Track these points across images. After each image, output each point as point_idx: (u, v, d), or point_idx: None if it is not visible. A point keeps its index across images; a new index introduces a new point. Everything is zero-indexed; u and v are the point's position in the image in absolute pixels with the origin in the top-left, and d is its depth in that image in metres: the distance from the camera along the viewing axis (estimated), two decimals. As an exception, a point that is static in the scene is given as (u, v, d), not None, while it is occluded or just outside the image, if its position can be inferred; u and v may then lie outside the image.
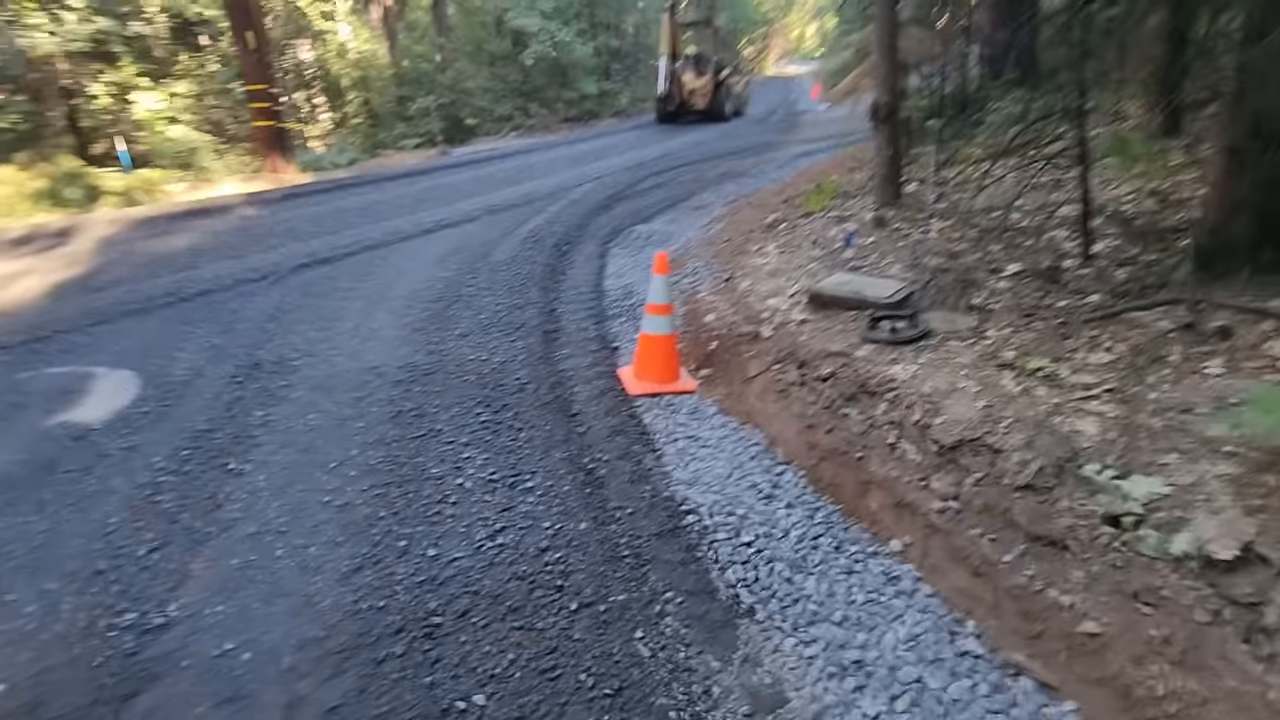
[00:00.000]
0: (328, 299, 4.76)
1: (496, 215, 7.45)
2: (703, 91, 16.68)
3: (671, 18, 15.80)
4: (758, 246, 4.95)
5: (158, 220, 7.43)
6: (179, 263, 5.68)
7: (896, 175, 4.73)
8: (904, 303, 3.38)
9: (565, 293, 4.95)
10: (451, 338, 4.03)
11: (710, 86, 16.65)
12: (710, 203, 8.30)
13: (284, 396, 3.34)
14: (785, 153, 12.25)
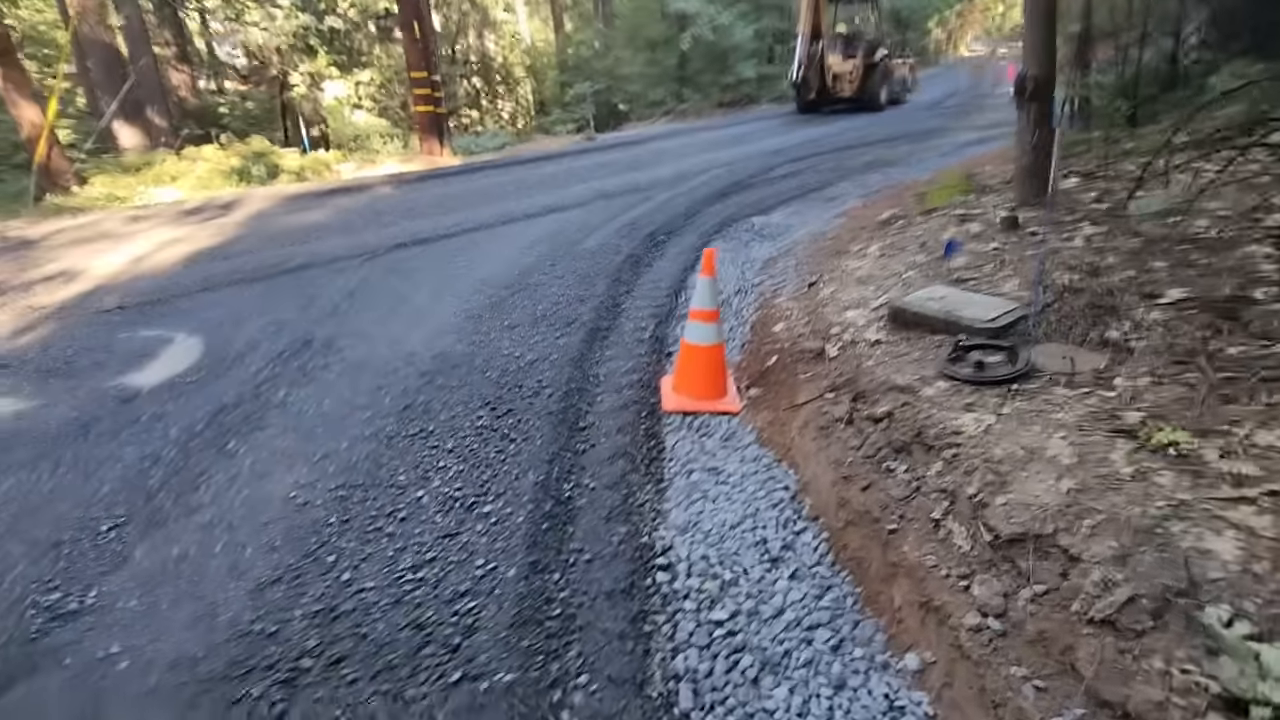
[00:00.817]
0: (406, 280, 4.79)
1: (608, 200, 7.23)
2: (851, 77, 14.60)
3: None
4: (859, 247, 4.24)
5: (306, 197, 8.08)
6: (299, 237, 6.06)
7: (1044, 167, 3.79)
8: (1008, 329, 2.63)
9: (639, 287, 4.59)
10: (498, 329, 3.84)
11: (860, 71, 14.53)
12: (845, 194, 7.50)
13: (315, 377, 3.32)
14: (952, 139, 10.90)
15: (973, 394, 2.30)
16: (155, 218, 7.21)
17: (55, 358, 3.65)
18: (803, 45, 13.26)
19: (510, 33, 20.66)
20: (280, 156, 11.22)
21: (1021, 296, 2.84)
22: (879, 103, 14.80)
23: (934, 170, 8.33)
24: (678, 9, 18.17)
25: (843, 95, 14.72)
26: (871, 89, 14.63)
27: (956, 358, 2.51)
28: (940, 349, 2.64)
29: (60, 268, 5.39)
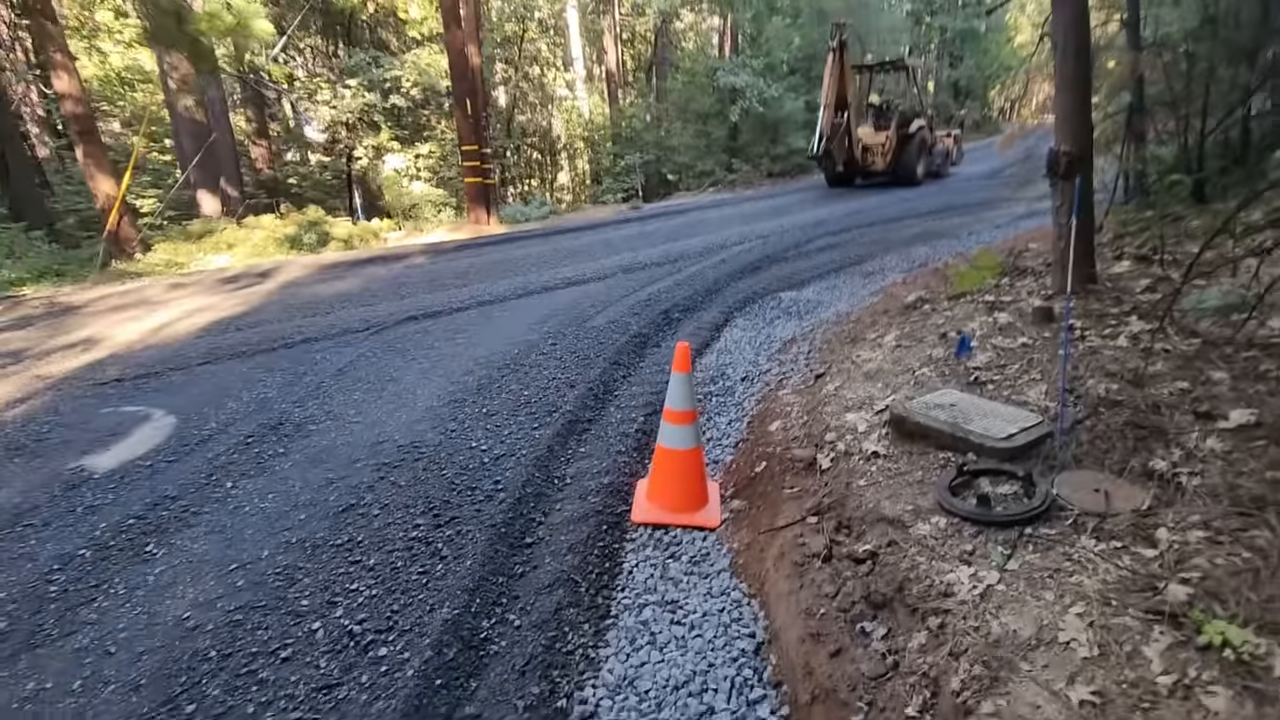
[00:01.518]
0: (403, 356, 4.65)
1: (631, 274, 7.05)
2: (883, 149, 13.64)
3: (839, 59, 12.22)
4: (876, 334, 3.84)
5: (341, 266, 8.24)
6: (318, 307, 6.08)
7: (1086, 252, 3.36)
8: (1026, 451, 2.19)
9: (638, 371, 4.29)
10: (475, 416, 3.59)
11: (893, 143, 13.58)
12: (887, 268, 7.11)
13: (269, 468, 3.12)
14: (1008, 211, 10.36)
15: (975, 536, 1.87)
16: (195, 285, 7.44)
17: (31, 433, 3.59)
18: (826, 116, 12.14)
19: (570, 108, 21.49)
20: (332, 225, 11.67)
21: (1048, 408, 2.39)
22: (915, 177, 13.83)
23: (985, 244, 7.87)
24: (728, 83, 18.50)
25: (874, 168, 13.89)
26: (906, 162, 13.74)
27: (959, 485, 2.08)
28: (945, 470, 2.21)
29: (85, 335, 5.52)
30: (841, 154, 13.10)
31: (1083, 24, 3.10)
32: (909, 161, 13.67)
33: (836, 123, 12.60)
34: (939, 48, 36.28)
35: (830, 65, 12.08)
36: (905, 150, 13.64)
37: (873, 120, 14.29)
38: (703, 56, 21.10)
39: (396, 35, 19.19)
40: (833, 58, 12.09)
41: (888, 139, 13.56)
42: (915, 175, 13.79)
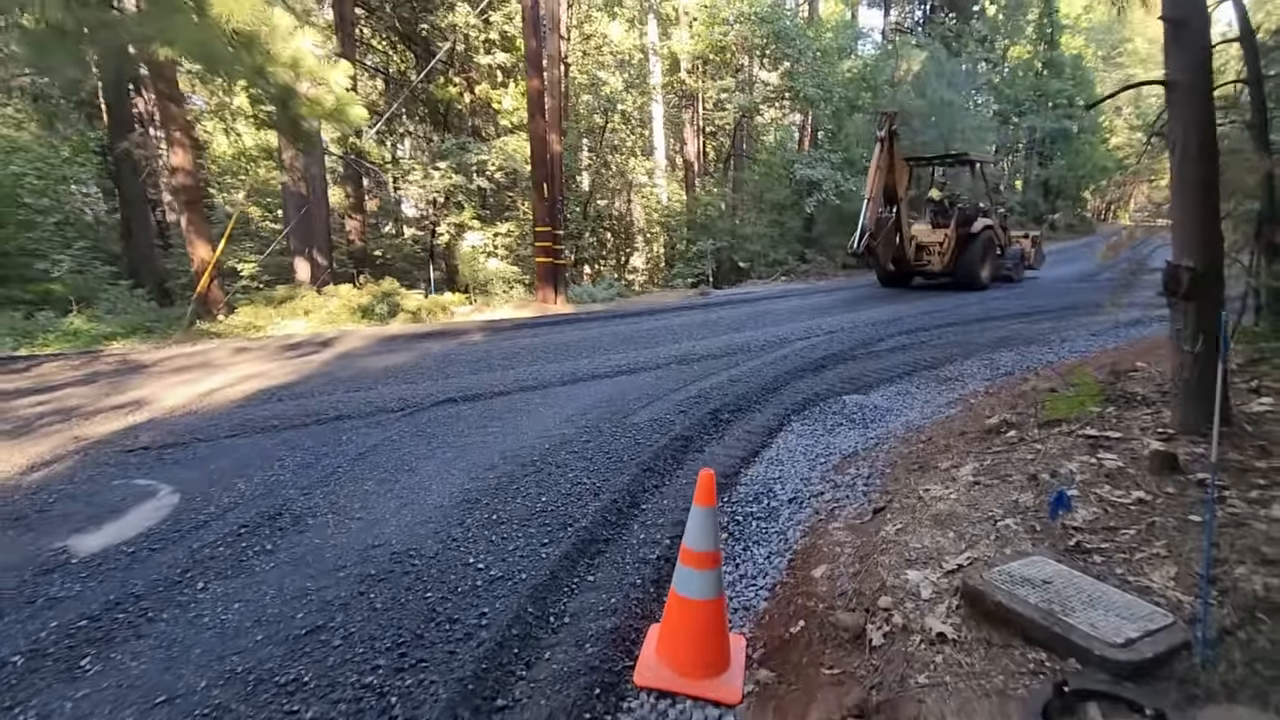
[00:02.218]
0: (429, 443, 4.40)
1: (685, 365, 6.71)
2: (941, 248, 12.52)
3: (887, 149, 11.19)
4: (950, 463, 3.28)
5: (402, 338, 8.30)
6: (364, 381, 6.00)
7: (1216, 386, 2.76)
8: (1153, 667, 1.61)
9: (673, 481, 3.85)
10: (483, 524, 3.22)
11: (952, 242, 12.39)
12: (965, 375, 6.50)
13: (249, 567, 2.83)
14: (1107, 318, 9.54)
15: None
16: (258, 350, 7.61)
17: (37, 502, 3.48)
18: (870, 209, 11.06)
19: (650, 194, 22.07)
20: (404, 297, 12.01)
21: (1181, 603, 1.81)
22: (977, 280, 12.62)
23: (1080, 354, 7.14)
24: (805, 175, 18.54)
25: (929, 269, 12.75)
26: (967, 264, 12.53)
27: (1057, 710, 1.52)
28: (1037, 681, 1.66)
29: (139, 395, 5.59)
30: (889, 252, 12.07)
31: (1208, 123, 2.65)
32: (970, 263, 12.54)
33: (883, 217, 11.64)
34: (1027, 147, 35.70)
35: (877, 156, 11.20)
36: (967, 251, 12.54)
37: (930, 217, 13.37)
38: (781, 150, 21.35)
39: (491, 123, 20.46)
40: (880, 148, 11.24)
41: (946, 238, 12.49)
42: (978, 278, 12.64)
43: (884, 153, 11.16)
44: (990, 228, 12.94)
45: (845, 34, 23.21)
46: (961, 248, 12.55)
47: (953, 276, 12.76)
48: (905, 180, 12.23)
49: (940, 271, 12.64)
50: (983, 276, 12.80)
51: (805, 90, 18.78)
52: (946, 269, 12.61)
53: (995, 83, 31.44)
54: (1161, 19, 2.68)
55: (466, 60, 18.75)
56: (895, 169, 11.52)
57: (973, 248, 12.56)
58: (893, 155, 11.36)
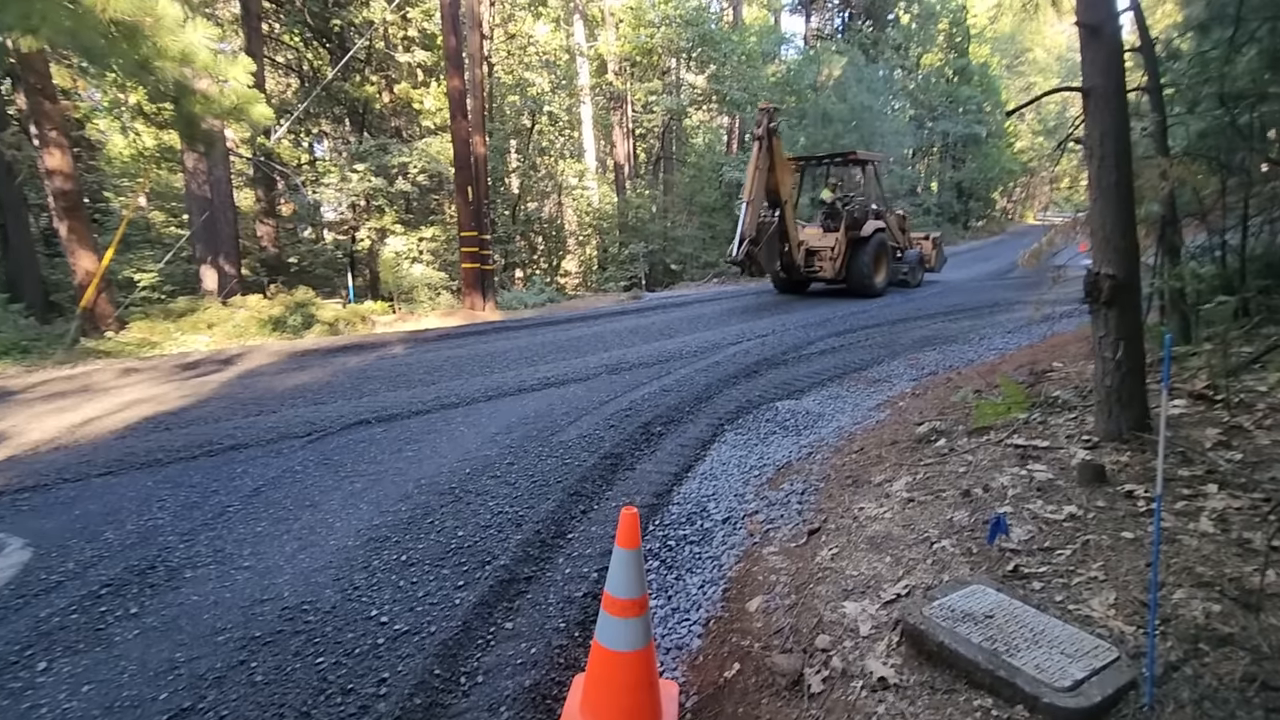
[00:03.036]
0: (335, 473, 4.03)
1: (616, 375, 6.51)
2: (831, 253, 11.67)
3: (766, 149, 10.46)
4: (883, 477, 3.20)
5: (315, 354, 7.76)
6: (267, 404, 5.52)
7: (1136, 393, 2.77)
8: (1100, 711, 1.51)
9: (602, 505, 3.64)
10: (392, 565, 2.92)
11: (842, 247, 11.60)
12: (893, 376, 6.56)
13: (107, 637, 2.44)
14: (1020, 315, 9.93)
15: None
16: (149, 371, 6.94)
17: None
18: (750, 213, 10.25)
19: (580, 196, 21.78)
20: (319, 307, 11.34)
21: (1123, 634, 1.73)
22: (870, 287, 11.79)
23: (1000, 352, 7.35)
24: (734, 178, 18.69)
25: (821, 275, 11.88)
26: (859, 269, 11.70)
27: (1011, 774, 1.39)
28: None
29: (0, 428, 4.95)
30: (774, 258, 11.23)
31: (1124, 128, 2.64)
32: (862, 269, 11.68)
33: (765, 222, 10.89)
34: (941, 150, 37.34)
35: (756, 155, 10.42)
36: (858, 256, 11.73)
37: (822, 220, 12.62)
38: (710, 153, 21.49)
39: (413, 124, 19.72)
40: (759, 147, 10.44)
41: (837, 242, 11.67)
42: (871, 285, 11.79)
43: (763, 152, 10.48)
44: (883, 230, 12.27)
45: (769, 39, 23.61)
46: (853, 252, 11.80)
47: (845, 284, 12.05)
48: (790, 181, 11.48)
49: (831, 279, 11.86)
50: (876, 283, 12.02)
51: (731, 94, 18.94)
52: (838, 275, 11.79)
53: (910, 89, 32.68)
54: (1077, 24, 2.66)
55: (385, 58, 18.01)
56: (778, 169, 10.82)
57: (864, 252, 11.74)
58: (774, 155, 10.67)
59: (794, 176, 11.50)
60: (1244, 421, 2.79)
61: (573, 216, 22.16)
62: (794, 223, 11.50)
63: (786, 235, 11.28)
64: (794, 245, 11.50)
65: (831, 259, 11.69)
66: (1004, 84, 42.36)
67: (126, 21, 7.12)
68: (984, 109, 36.91)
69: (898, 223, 13.53)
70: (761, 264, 10.95)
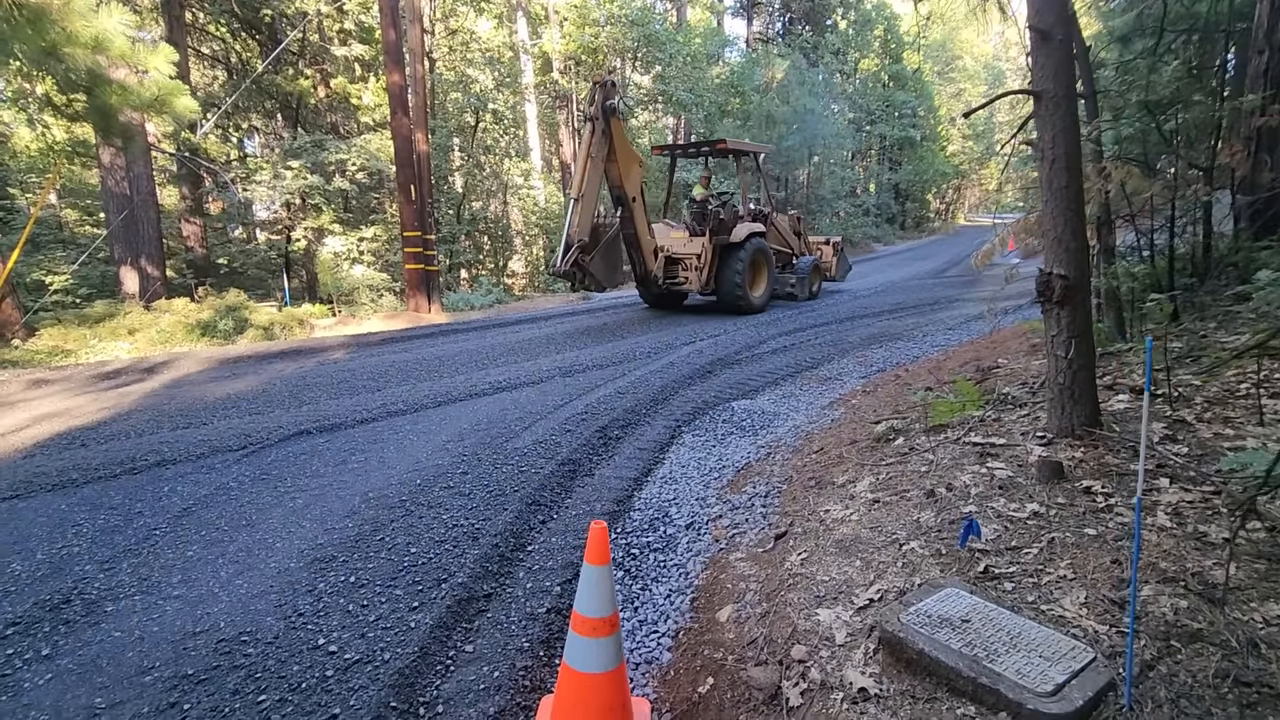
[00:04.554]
0: (275, 488, 3.78)
1: (570, 377, 6.38)
2: (697, 262, 9.72)
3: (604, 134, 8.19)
4: (846, 477, 3.19)
5: (248, 360, 7.35)
6: (197, 415, 5.17)
7: (1086, 388, 2.84)
8: (1082, 715, 1.50)
9: (562, 513, 3.52)
10: (340, 587, 2.74)
11: (710, 255, 9.72)
12: (844, 374, 6.64)
13: (14, 685, 2.19)
14: (960, 311, 10.29)
15: None
16: (65, 382, 6.43)
17: None
18: (578, 213, 8.06)
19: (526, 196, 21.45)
20: (253, 310, 10.77)
21: (1097, 633, 1.73)
22: (745, 302, 9.97)
23: (943, 348, 7.54)
24: (680, 179, 18.73)
25: (685, 287, 9.97)
26: (729, 281, 9.80)
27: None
28: (970, 738, 1.50)
29: (-114, 450, 4.47)
30: (613, 269, 8.95)
31: (1074, 131, 2.70)
32: (731, 280, 9.81)
33: (607, 224, 8.84)
34: (879, 153, 38.53)
35: (589, 142, 8.09)
36: (728, 265, 9.83)
37: (689, 222, 10.42)
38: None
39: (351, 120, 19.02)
40: (592, 130, 8.08)
41: (704, 249, 9.71)
42: (744, 299, 9.93)
43: (599, 136, 8.13)
44: (761, 234, 10.42)
45: (713, 41, 23.81)
46: (722, 261, 9.91)
47: (717, 298, 10.27)
48: (637, 174, 8.97)
49: (700, 291, 9.96)
50: (753, 297, 10.19)
51: (677, 94, 18.99)
52: (705, 287, 9.87)
53: (849, 92, 33.57)
54: (1029, 28, 2.70)
55: (320, 51, 17.30)
56: (620, 159, 8.52)
57: (735, 260, 9.79)
58: (614, 140, 8.33)
59: (641, 169, 8.93)
60: (1185, 415, 2.89)
61: (519, 216, 21.83)
62: (646, 224, 9.34)
63: (638, 240, 9.15)
64: (646, 252, 9.37)
65: (697, 268, 9.73)
66: (936, 89, 44.03)
67: (31, 4, 6.59)
68: (918, 113, 38.30)
69: (791, 225, 12.12)
70: (597, 276, 8.57)
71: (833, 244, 13.05)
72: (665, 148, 11.74)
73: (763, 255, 10.51)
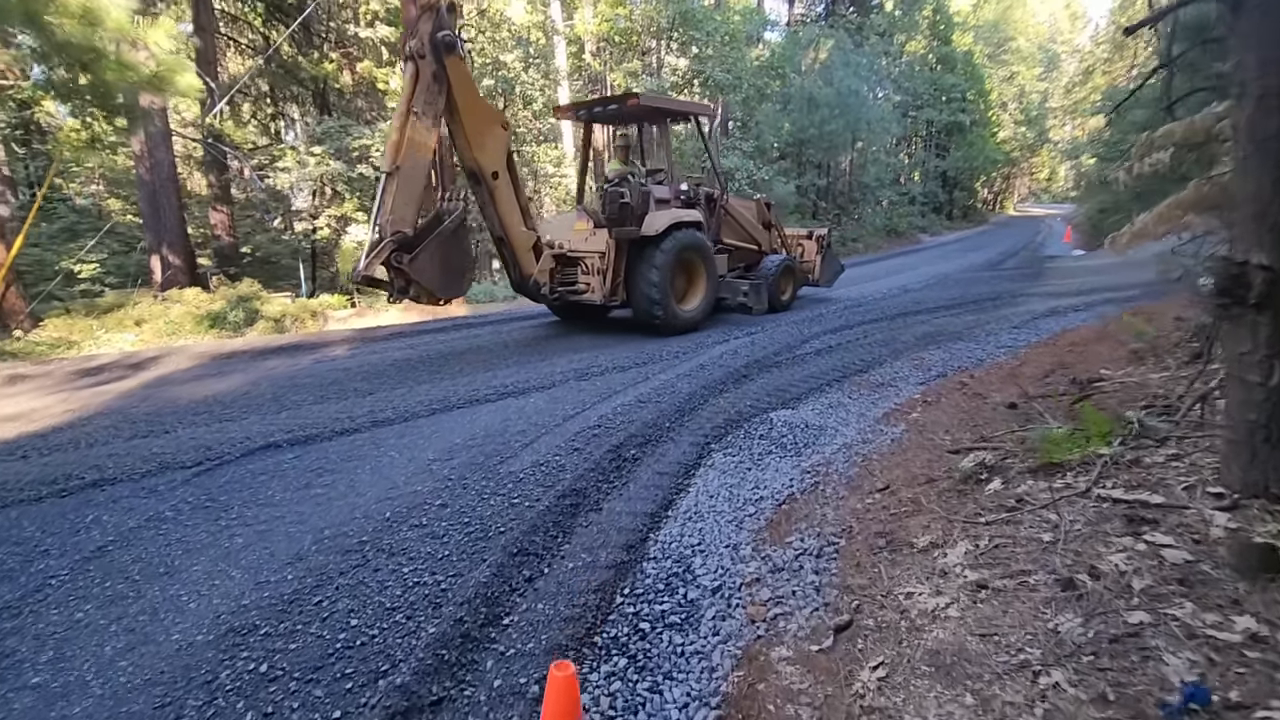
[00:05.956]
0: (217, 519, 3.13)
1: (586, 381, 5.65)
2: (599, 264, 7.21)
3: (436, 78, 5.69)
4: (929, 537, 2.38)
5: (241, 357, 6.80)
6: (163, 421, 4.58)
7: (1295, 427, 1.98)
8: None
9: (556, 565, 2.79)
10: (245, 681, 2.05)
11: (613, 254, 7.11)
12: (898, 379, 5.78)
13: None
14: (1023, 308, 9.26)
15: None
16: (43, 378, 5.95)
17: None
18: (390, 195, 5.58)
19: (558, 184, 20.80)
20: (265, 301, 10.31)
21: None
22: (668, 315, 7.27)
23: (1010, 350, 6.59)
24: (715, 165, 17.83)
25: (587, 297, 7.34)
26: (643, 290, 7.09)
27: None
28: None
29: None
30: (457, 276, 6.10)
31: None
32: (645, 289, 7.08)
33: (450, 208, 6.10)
34: (925, 139, 36.81)
35: (409, 93, 5.59)
36: (639, 268, 7.12)
37: (596, 209, 7.77)
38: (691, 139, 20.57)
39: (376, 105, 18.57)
40: (414, 77, 5.58)
41: (608, 247, 7.13)
42: (665, 315, 7.23)
43: (428, 84, 5.60)
44: (691, 226, 7.48)
45: (753, 20, 22.72)
46: (632, 263, 7.18)
47: (631, 310, 7.53)
48: (497, 139, 6.34)
49: (602, 303, 7.28)
50: (680, 312, 7.48)
51: (715, 75, 18.04)
52: (613, 297, 7.26)
53: (894, 75, 32.00)
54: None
55: (345, 34, 16.85)
56: (468, 118, 6.02)
57: (649, 262, 7.04)
58: (455, 90, 5.84)
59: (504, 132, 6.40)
60: None
61: (551, 205, 21.21)
62: (519, 211, 6.61)
63: (506, 233, 6.56)
64: (519, 249, 6.69)
65: (600, 270, 7.20)
66: (988, 73, 41.92)
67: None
68: (967, 97, 36.44)
69: (756, 214, 9.31)
70: (425, 283, 5.76)
71: (816, 238, 10.09)
72: (569, 107, 8.43)
73: (697, 254, 7.65)
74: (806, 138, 20.44)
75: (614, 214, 7.10)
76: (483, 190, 6.41)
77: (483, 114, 6.27)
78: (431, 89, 5.69)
